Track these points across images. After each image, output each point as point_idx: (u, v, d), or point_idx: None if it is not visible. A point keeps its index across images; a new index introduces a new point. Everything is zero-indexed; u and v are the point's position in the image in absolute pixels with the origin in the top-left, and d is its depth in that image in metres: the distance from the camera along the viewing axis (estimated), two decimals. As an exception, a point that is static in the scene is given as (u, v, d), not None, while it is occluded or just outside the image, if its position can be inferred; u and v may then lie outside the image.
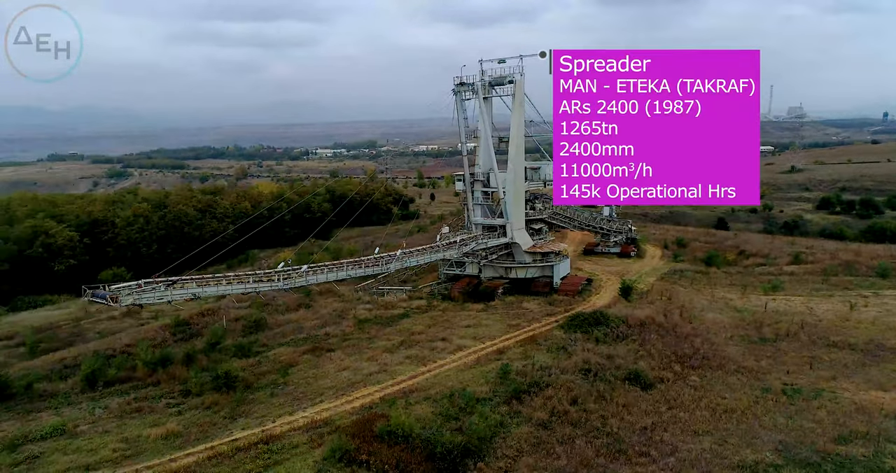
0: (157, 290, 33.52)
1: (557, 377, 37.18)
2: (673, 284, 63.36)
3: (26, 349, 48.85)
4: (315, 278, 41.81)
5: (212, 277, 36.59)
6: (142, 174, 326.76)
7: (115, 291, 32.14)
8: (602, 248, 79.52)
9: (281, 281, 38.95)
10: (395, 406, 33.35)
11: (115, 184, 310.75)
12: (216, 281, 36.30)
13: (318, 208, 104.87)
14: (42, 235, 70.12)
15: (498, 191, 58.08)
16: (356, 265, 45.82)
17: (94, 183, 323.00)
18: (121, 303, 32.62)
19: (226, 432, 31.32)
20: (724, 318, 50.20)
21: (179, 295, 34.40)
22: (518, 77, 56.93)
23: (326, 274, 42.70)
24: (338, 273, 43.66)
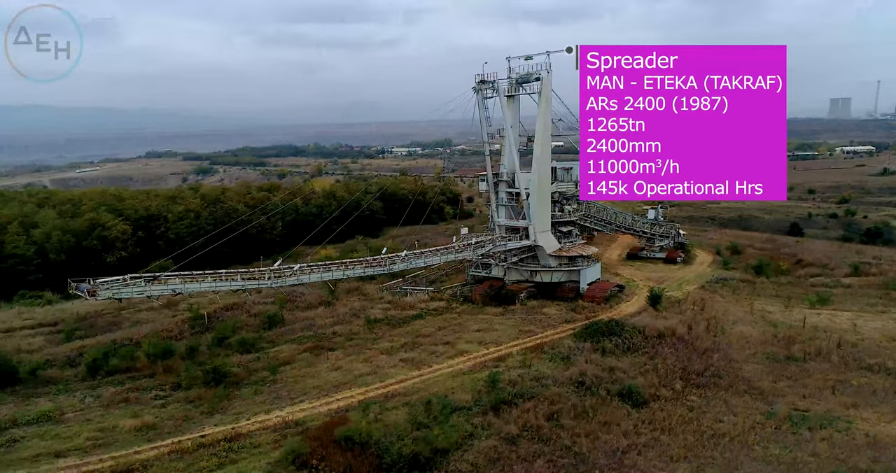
0: (137, 285, 34.58)
1: (547, 388, 35.55)
2: (713, 293, 59.33)
3: (63, 335, 51.61)
4: (308, 277, 41.90)
5: (198, 274, 37.35)
6: (225, 171, 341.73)
7: (95, 285, 33.42)
8: (647, 253, 75.66)
9: (271, 280, 39.24)
10: (367, 410, 32.91)
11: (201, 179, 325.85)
12: (202, 277, 37.02)
13: (368, 206, 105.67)
14: (98, 228, 74.38)
15: (521, 193, 56.28)
16: (357, 265, 45.55)
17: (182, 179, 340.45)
18: (98, 297, 33.91)
19: (198, 427, 31.84)
20: (754, 332, 46.37)
21: (160, 290, 35.36)
22: (545, 74, 54.95)
23: (321, 273, 42.69)
24: (333, 272, 43.58)
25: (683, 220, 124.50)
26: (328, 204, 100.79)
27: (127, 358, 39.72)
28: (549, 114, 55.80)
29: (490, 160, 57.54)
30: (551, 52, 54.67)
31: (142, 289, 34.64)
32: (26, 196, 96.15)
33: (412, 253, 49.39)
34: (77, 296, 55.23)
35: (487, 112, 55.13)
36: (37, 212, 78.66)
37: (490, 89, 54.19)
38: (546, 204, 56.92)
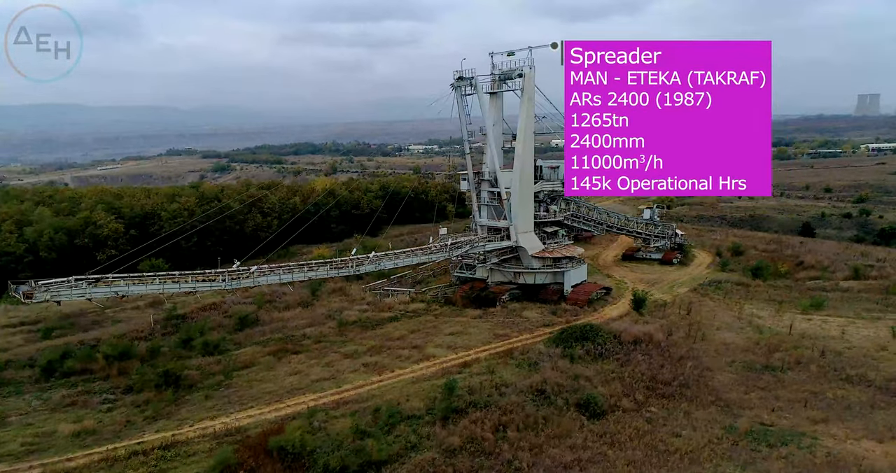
0: (77, 288, 34.00)
1: (505, 397, 34.23)
2: (703, 297, 57.26)
3: (40, 334, 51.54)
4: (265, 279, 41.02)
5: (146, 275, 36.64)
6: (242, 168, 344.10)
7: (33, 288, 32.93)
8: (643, 254, 73.57)
9: (226, 282, 38.42)
10: (313, 418, 31.96)
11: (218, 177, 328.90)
12: (150, 279, 36.32)
13: (367, 205, 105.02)
14: (91, 226, 74.58)
15: (502, 191, 54.81)
16: (322, 266, 44.52)
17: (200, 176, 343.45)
18: (34, 299, 33.41)
19: (139, 433, 31.23)
20: (737, 339, 44.41)
21: (102, 292, 34.71)
22: (527, 70, 53.34)
23: (280, 275, 41.79)
24: (294, 274, 42.60)
25: (692, 220, 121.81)
26: (326, 202, 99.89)
27: (84, 360, 39.30)
28: (532, 111, 54.23)
29: (470, 158, 56.17)
30: (534, 47, 53.13)
31: (82, 292, 34.08)
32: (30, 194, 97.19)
33: (382, 254, 48.33)
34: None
35: (468, 109, 53.66)
36: (34, 209, 79.21)
37: (468, 86, 52.75)
38: (528, 204, 55.39)
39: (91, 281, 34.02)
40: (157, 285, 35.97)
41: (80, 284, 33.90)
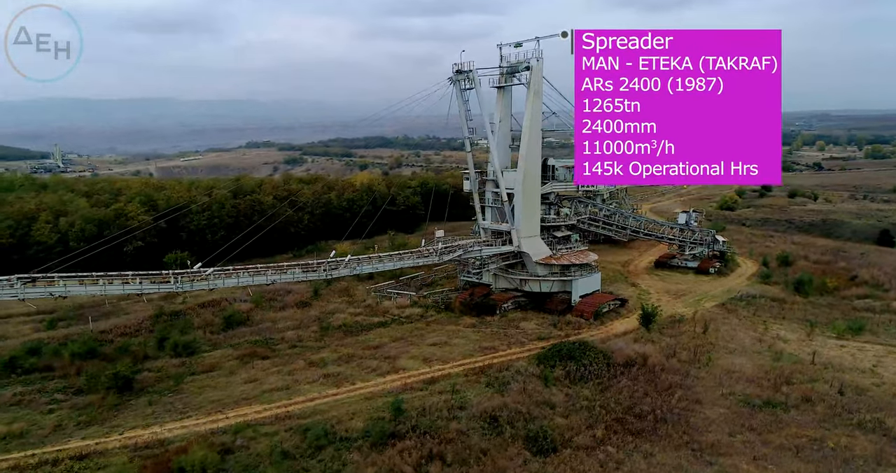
0: (8, 287, 33.42)
1: (451, 422, 31.18)
2: (729, 313, 51.55)
3: (45, 324, 52.63)
4: (222, 282, 39.40)
5: (95, 275, 35.77)
6: (313, 161, 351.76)
7: None
8: (678, 262, 67.73)
9: (178, 283, 37.11)
10: (239, 434, 30.11)
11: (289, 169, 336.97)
12: (92, 280, 35.43)
13: (404, 201, 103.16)
14: (121, 218, 76.38)
15: (502, 193, 51.20)
16: (294, 269, 42.53)
17: (274, 168, 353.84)
18: None
19: (64, 439, 30.37)
20: (748, 366, 39.18)
21: (36, 293, 34.07)
22: (534, 62, 49.39)
23: (238, 278, 40.11)
24: (255, 278, 40.83)
25: (755, 223, 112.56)
26: (360, 198, 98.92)
27: (48, 357, 39.19)
28: (539, 107, 50.25)
29: (472, 157, 52.86)
30: (542, 37, 49.09)
31: (14, 292, 33.62)
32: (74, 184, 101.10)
33: (363, 257, 45.99)
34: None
35: (468, 104, 50.37)
36: (72, 200, 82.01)
37: (466, 80, 49.41)
38: (534, 206, 51.50)
39: (26, 281, 33.56)
40: (98, 286, 35.10)
41: (16, 283, 33.42)
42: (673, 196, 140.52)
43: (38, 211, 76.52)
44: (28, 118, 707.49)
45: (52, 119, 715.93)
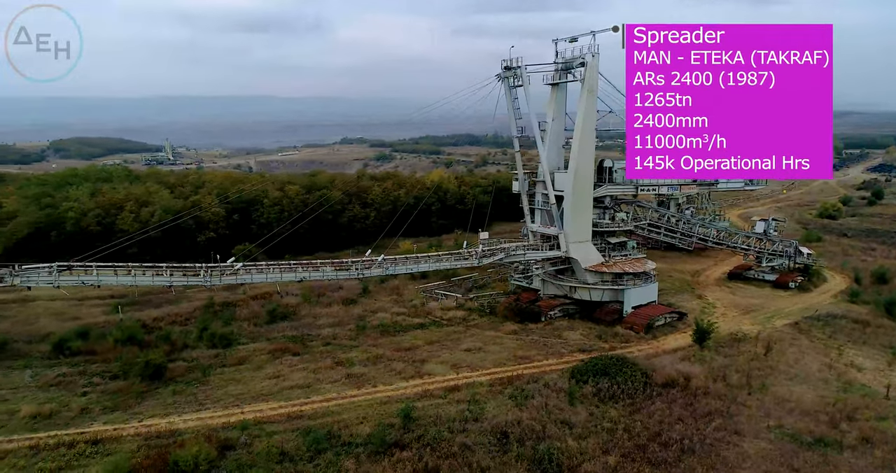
0: (46, 274, 35.02)
1: (459, 435, 29.78)
2: (801, 333, 46.59)
3: (112, 308, 55.75)
4: (250, 277, 39.62)
5: (121, 266, 36.92)
6: (401, 158, 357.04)
7: (5, 272, 34.49)
8: (754, 274, 62.32)
9: (205, 278, 37.66)
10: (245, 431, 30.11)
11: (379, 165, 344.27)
12: (125, 270, 36.54)
13: (473, 200, 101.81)
14: (196, 209, 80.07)
15: (550, 194, 48.80)
16: (326, 266, 42.25)
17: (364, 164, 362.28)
18: (3, 283, 34.90)
19: (87, 422, 31.59)
20: (808, 396, 35.02)
21: (69, 281, 35.49)
22: (589, 58, 46.68)
23: (266, 274, 40.17)
24: (284, 274, 40.75)
25: (859, 233, 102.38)
26: (428, 196, 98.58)
27: (94, 341, 41.10)
28: (593, 105, 47.47)
29: (521, 157, 50.81)
30: (597, 31, 46.34)
31: (49, 279, 35.24)
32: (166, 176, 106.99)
33: (400, 257, 45.16)
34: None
35: (517, 102, 48.40)
36: (157, 191, 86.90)
37: (514, 77, 47.41)
38: (585, 209, 48.77)
39: (61, 269, 35.20)
40: (129, 277, 36.30)
41: (53, 271, 35.10)
42: (769, 201, 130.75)
43: (125, 201, 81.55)
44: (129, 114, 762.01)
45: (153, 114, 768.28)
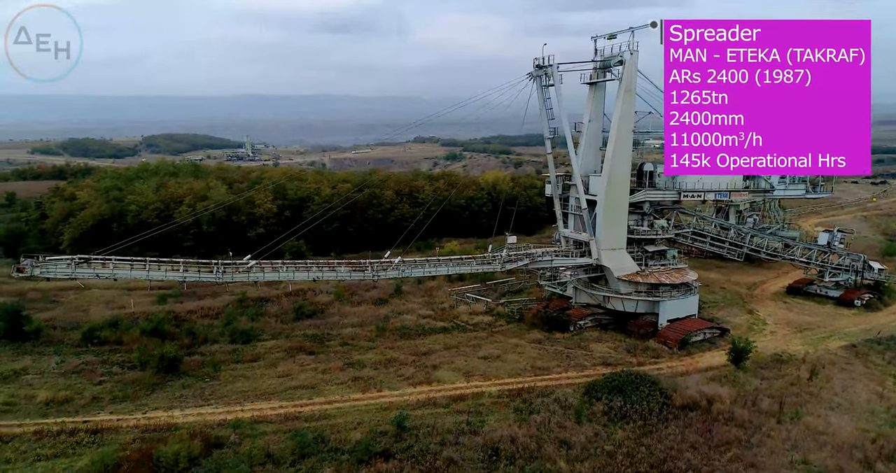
0: (62, 266, 36.14)
1: (448, 448, 28.65)
2: (856, 357, 42.37)
3: (157, 299, 57.87)
4: (262, 275, 39.61)
5: (136, 260, 37.66)
6: (471, 157, 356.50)
7: (25, 263, 35.86)
8: (817, 289, 57.42)
9: (218, 274, 37.96)
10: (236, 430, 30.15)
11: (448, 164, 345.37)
12: (140, 264, 37.24)
13: (525, 202, 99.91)
14: (249, 205, 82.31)
15: (581, 198, 46.55)
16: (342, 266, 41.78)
17: (433, 163, 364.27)
18: (23, 273, 36.19)
19: (95, 411, 32.58)
20: (847, 428, 31.54)
21: (84, 273, 36.43)
22: (628, 56, 44.16)
23: (279, 272, 40.05)
24: (296, 273, 40.52)
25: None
26: (479, 197, 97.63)
27: (122, 331, 42.50)
28: (632, 105, 44.93)
29: (553, 159, 48.79)
30: (636, 28, 43.81)
31: (67, 271, 36.42)
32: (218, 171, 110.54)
33: (420, 260, 44.20)
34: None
35: (549, 102, 46.46)
36: (217, 187, 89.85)
37: (545, 75, 45.48)
38: (620, 215, 46.24)
39: (79, 262, 36.40)
40: (143, 271, 37.13)
41: (71, 263, 36.34)
42: (855, 210, 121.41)
43: (184, 195, 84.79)
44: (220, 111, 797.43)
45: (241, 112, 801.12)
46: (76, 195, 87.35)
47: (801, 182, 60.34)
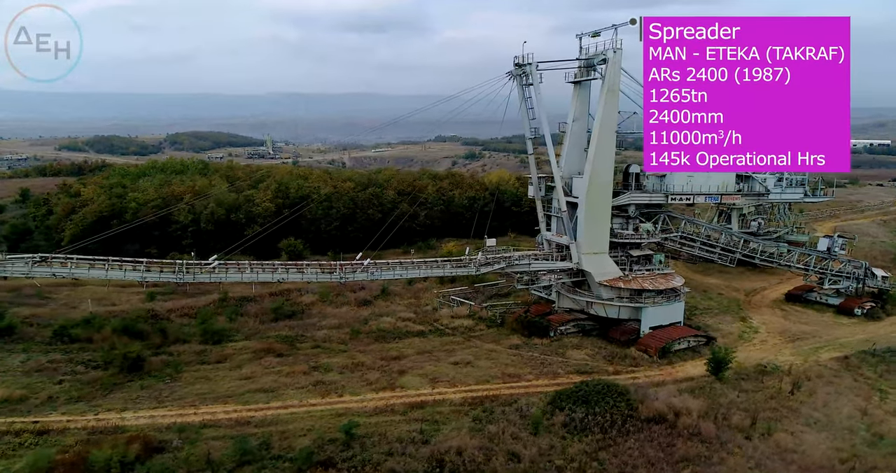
0: (21, 265, 35.95)
1: (393, 460, 27.77)
2: (847, 370, 40.32)
3: (146, 296, 57.96)
4: (225, 276, 39.01)
5: (97, 259, 37.37)
6: (490, 156, 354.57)
7: None
8: (817, 296, 55.17)
9: (179, 274, 37.49)
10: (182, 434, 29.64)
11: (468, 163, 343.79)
12: (101, 264, 36.94)
13: (529, 202, 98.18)
14: (247, 203, 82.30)
15: (560, 200, 45.23)
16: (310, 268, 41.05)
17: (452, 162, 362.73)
18: None
19: (47, 411, 32.31)
20: (821, 447, 29.83)
21: (41, 272, 36.22)
22: (611, 54, 42.74)
23: (242, 273, 39.43)
24: (260, 275, 39.85)
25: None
26: (482, 197, 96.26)
27: (92, 329, 42.35)
28: (615, 105, 43.51)
29: (534, 160, 47.53)
30: (619, 25, 42.38)
31: (23, 270, 36.27)
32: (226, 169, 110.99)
33: (395, 262, 43.25)
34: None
35: (530, 102, 45.20)
36: (219, 185, 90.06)
37: (524, 75, 44.23)
38: (601, 218, 44.83)
39: (36, 261, 36.24)
40: (102, 271, 36.82)
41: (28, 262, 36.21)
42: (875, 213, 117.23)
43: (185, 193, 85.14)
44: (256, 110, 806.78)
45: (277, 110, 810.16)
46: (81, 191, 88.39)
47: (798, 185, 57.99)
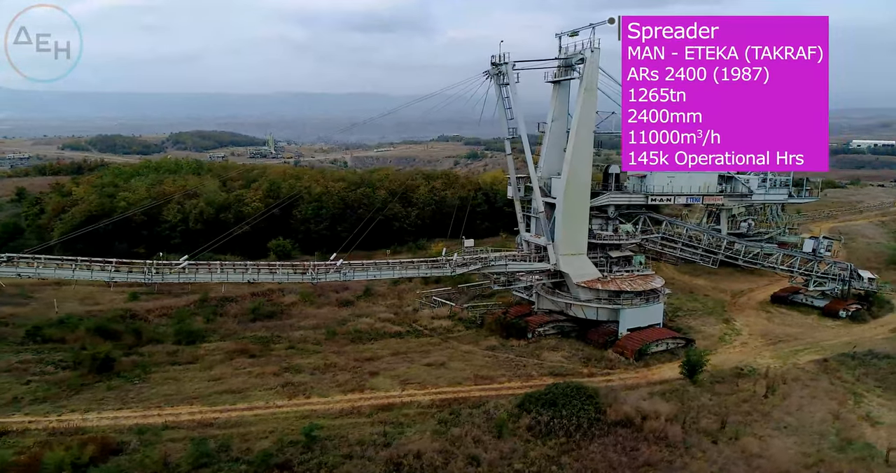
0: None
1: (351, 463, 27.52)
2: (826, 373, 39.78)
3: (128, 295, 57.85)
4: (194, 276, 38.71)
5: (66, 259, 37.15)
6: (492, 156, 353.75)
7: None
8: (803, 298, 54.56)
9: (148, 275, 37.25)
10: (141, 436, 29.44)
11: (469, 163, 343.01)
12: (68, 264, 36.72)
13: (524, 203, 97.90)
14: (237, 203, 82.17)
15: (538, 201, 44.88)
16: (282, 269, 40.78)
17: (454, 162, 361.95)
18: None
19: (9, 413, 32.15)
20: (787, 452, 29.38)
21: (6, 272, 36.00)
22: (589, 54, 42.34)
23: (212, 273, 39.11)
24: (230, 275, 39.54)
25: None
26: (473, 196, 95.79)
27: (67, 329, 42.22)
28: (593, 105, 43.08)
29: (513, 160, 47.20)
30: (597, 24, 41.94)
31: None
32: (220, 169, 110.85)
33: (368, 263, 42.88)
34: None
35: (508, 102, 44.85)
36: (210, 184, 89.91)
37: (501, 74, 43.87)
38: (579, 219, 44.42)
39: (3, 260, 36.06)
40: (68, 271, 36.62)
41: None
42: (875, 214, 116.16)
43: (175, 192, 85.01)
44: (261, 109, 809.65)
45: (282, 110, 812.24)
46: (72, 191, 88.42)
47: (783, 186, 57.37)
